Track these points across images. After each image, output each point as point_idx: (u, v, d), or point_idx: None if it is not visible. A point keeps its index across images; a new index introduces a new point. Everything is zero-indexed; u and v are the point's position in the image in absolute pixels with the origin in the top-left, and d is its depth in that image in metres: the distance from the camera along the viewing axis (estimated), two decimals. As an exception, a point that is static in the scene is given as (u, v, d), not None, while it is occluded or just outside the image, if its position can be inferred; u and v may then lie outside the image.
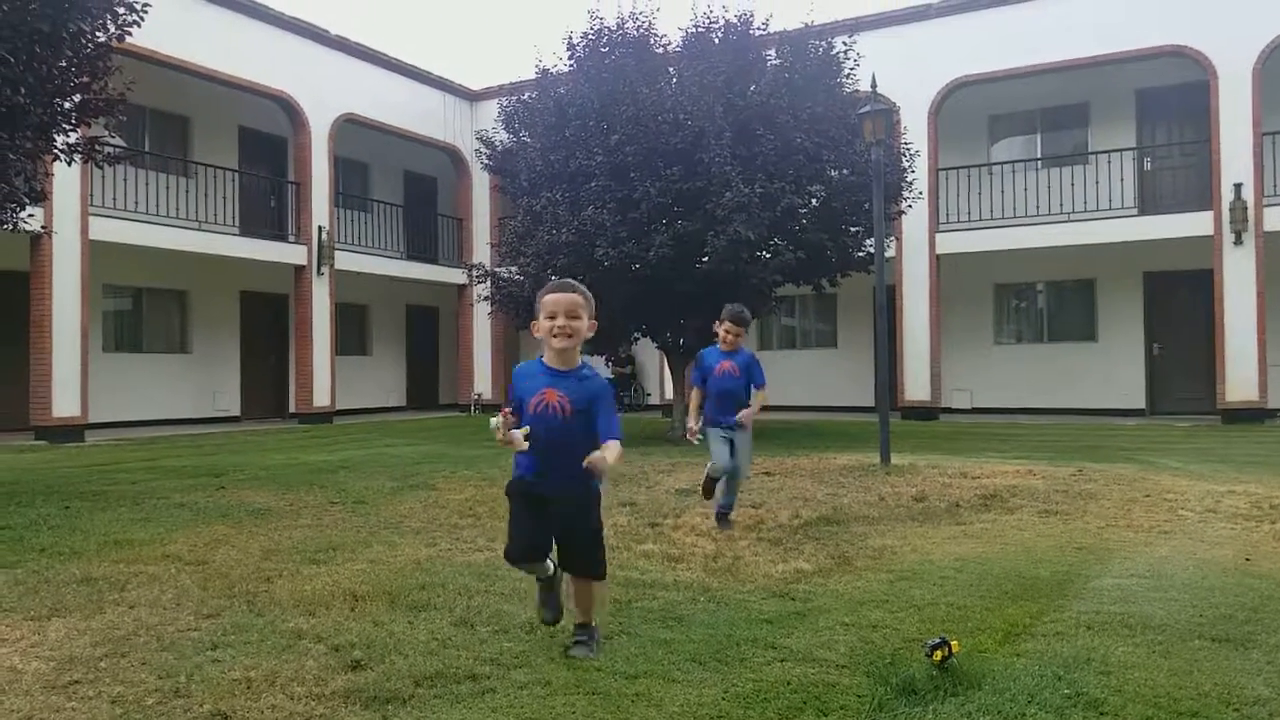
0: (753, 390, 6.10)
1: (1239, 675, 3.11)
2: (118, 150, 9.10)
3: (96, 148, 8.27)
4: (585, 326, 3.34)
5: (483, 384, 21.03)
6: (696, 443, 5.96)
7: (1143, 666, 3.20)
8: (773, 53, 12.95)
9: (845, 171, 12.30)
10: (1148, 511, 6.42)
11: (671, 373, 13.72)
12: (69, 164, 8.39)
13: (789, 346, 20.18)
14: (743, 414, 5.95)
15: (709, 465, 6.06)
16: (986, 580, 4.52)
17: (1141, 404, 16.75)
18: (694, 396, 6.13)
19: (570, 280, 3.40)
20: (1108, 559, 5.00)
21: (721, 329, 6.07)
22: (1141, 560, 4.94)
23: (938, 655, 3.15)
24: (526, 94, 14.27)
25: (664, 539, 5.57)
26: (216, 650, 3.39)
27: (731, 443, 5.93)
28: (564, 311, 3.28)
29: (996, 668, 3.18)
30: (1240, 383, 14.67)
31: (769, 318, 17.71)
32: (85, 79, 7.86)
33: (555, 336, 3.27)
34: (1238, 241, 14.70)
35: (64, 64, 7.62)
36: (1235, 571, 4.65)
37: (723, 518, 6.02)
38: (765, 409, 6.02)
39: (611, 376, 20.62)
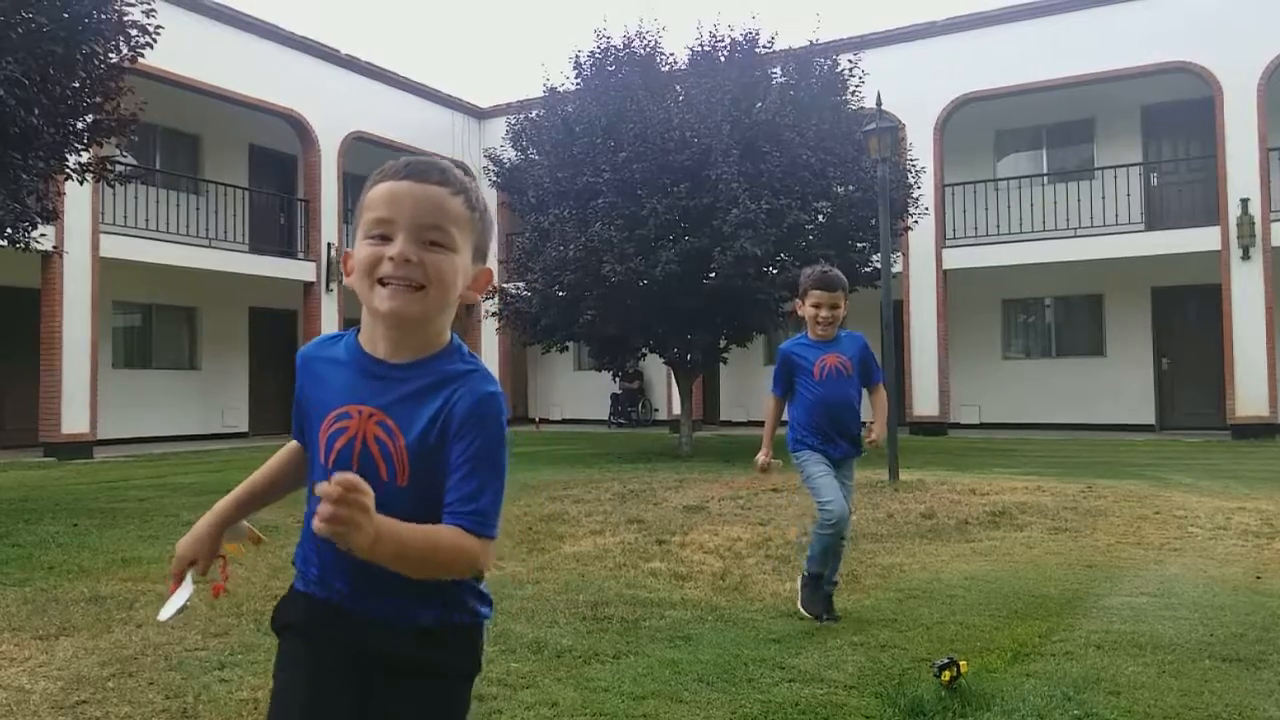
0: (872, 391, 4.20)
1: (1250, 696, 3.09)
2: (129, 169, 9.19)
3: (108, 167, 8.35)
4: (462, 272, 1.40)
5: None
6: (765, 470, 4.16)
7: (1152, 687, 3.18)
8: (778, 70, 13.02)
9: (851, 188, 12.33)
10: (1158, 528, 6.39)
11: (679, 388, 13.72)
12: (81, 183, 8.48)
13: (796, 362, 20.13)
14: (875, 430, 4.08)
15: (816, 524, 4.03)
16: (995, 599, 4.50)
17: (1151, 419, 16.68)
18: (770, 410, 4.24)
19: (439, 162, 1.42)
20: (1117, 577, 4.98)
21: (808, 305, 4.02)
22: (1151, 578, 4.92)
23: (946, 675, 3.14)
24: (534, 112, 14.36)
25: (671, 556, 5.56)
26: (224, 670, 3.39)
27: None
28: (409, 226, 1.36)
29: (1006, 688, 3.17)
30: (1250, 398, 14.60)
31: (776, 333, 17.71)
32: (98, 99, 7.94)
33: (384, 285, 1.35)
34: (1245, 256, 14.67)
35: (77, 85, 7.71)
36: (1246, 590, 4.62)
37: (827, 601, 4.07)
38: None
39: (618, 391, 20.65)
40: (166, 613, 1.54)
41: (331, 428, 1.39)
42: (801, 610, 4.10)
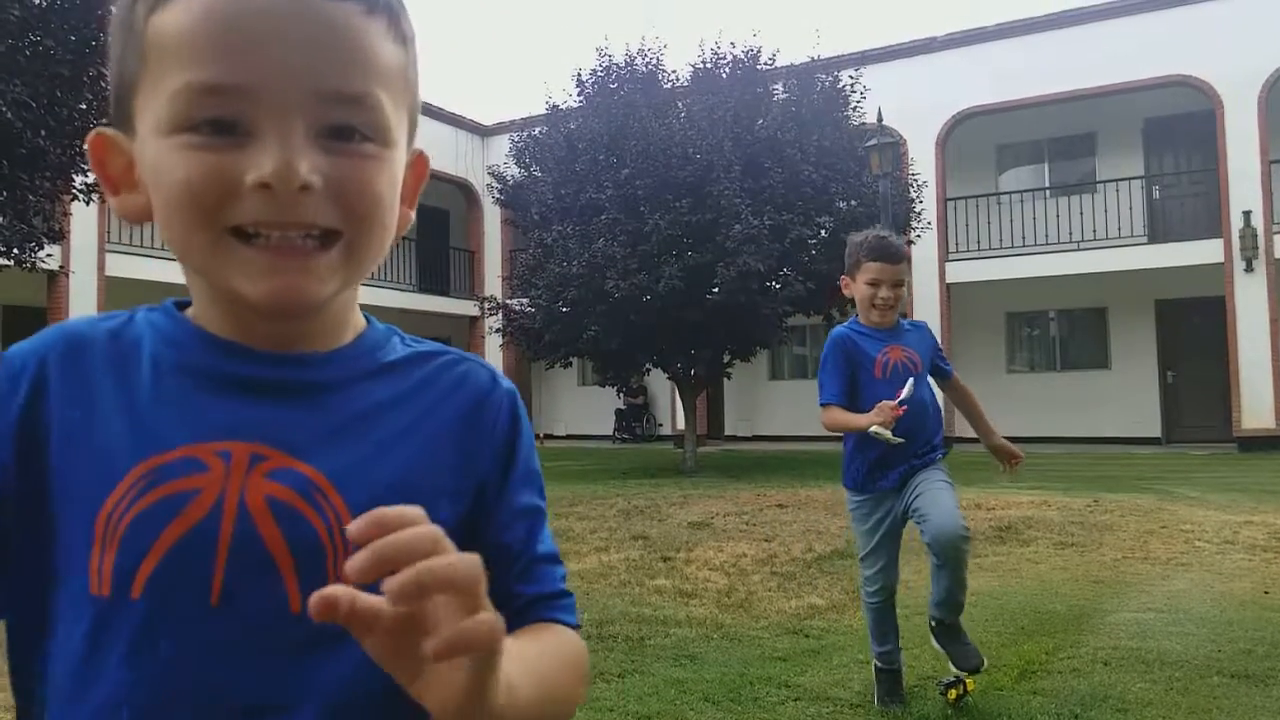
0: (945, 383, 3.42)
1: (1259, 713, 3.08)
2: (135, 189, 9.24)
3: (114, 187, 8.41)
4: (399, 184, 0.66)
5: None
6: (885, 435, 2.91)
7: (1160, 704, 3.17)
8: (780, 87, 13.09)
9: (854, 203, 12.36)
10: (1164, 543, 6.36)
11: (683, 403, 13.73)
12: (87, 203, 8.53)
13: (800, 376, 20.14)
14: (998, 439, 3.32)
15: (864, 605, 3.28)
16: (1002, 615, 4.48)
17: (1157, 432, 16.63)
18: (834, 418, 3.11)
19: None
20: (1124, 592, 4.96)
21: (861, 282, 3.11)
22: (1158, 593, 4.90)
23: (952, 694, 3.13)
24: (537, 129, 14.44)
25: (676, 573, 5.55)
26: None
27: (900, 516, 3.12)
28: (295, 103, 0.60)
29: (1012, 706, 3.15)
30: (1255, 410, 14.57)
31: (780, 348, 17.75)
32: (104, 120, 8.00)
33: (250, 240, 0.61)
34: (1248, 269, 14.67)
35: (84, 107, 7.78)
36: (1254, 605, 4.60)
37: (959, 644, 3.10)
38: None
39: (622, 406, 20.65)
40: None
41: (148, 500, 0.60)
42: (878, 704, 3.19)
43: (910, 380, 2.97)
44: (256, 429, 0.62)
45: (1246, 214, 14.67)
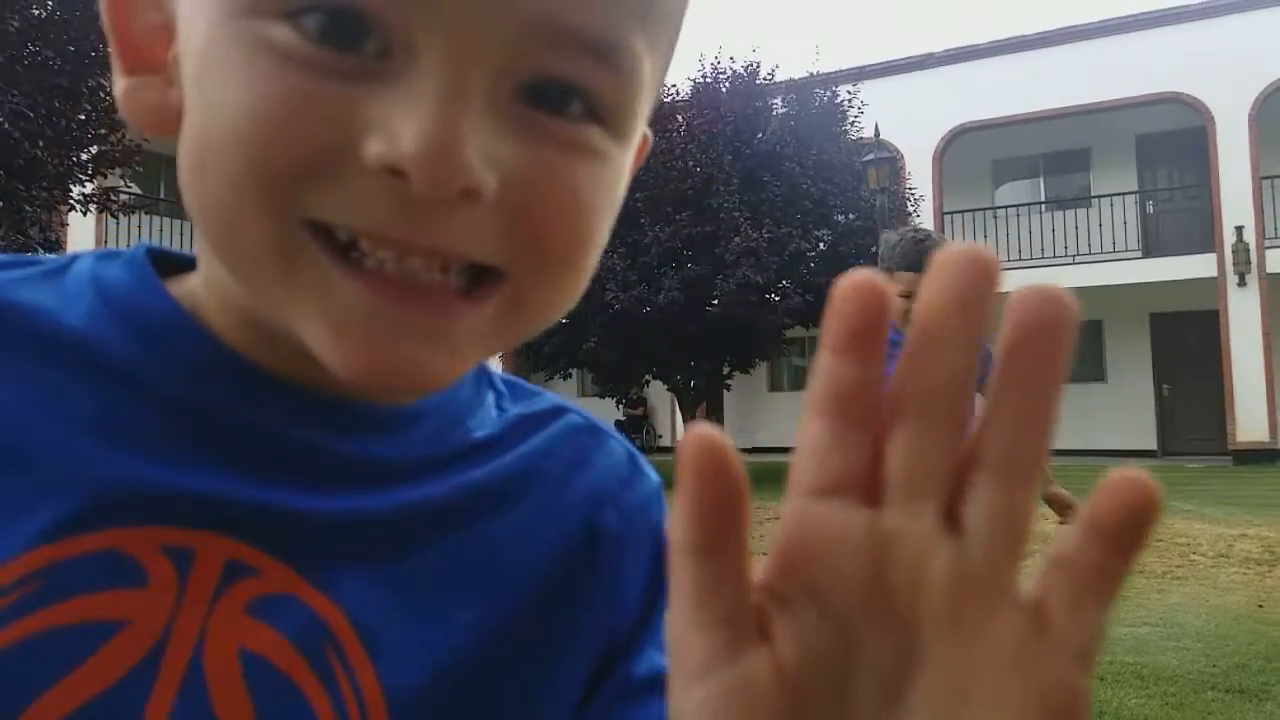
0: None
1: (1254, 728, 3.09)
2: (134, 199, 9.28)
3: (112, 198, 8.42)
4: (620, 191, 0.37)
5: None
6: None
7: (1155, 719, 3.18)
8: (779, 101, 13.17)
9: (851, 216, 12.44)
10: (1160, 556, 6.37)
11: (682, 413, 13.75)
12: (84, 214, 8.55)
13: (800, 388, 20.19)
14: (1051, 491, 2.89)
15: None
16: (997, 629, 4.50)
17: (1152, 445, 16.66)
18: None
19: None
20: (1120, 606, 4.95)
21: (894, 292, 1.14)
22: (1154, 607, 4.91)
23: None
24: (535, 141, 14.52)
25: (673, 586, 5.55)
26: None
27: None
28: (477, 56, 0.30)
29: (1008, 720, 3.16)
30: (1250, 423, 14.61)
31: (779, 360, 17.80)
32: (103, 131, 8.04)
33: (352, 256, 0.32)
34: (1241, 283, 14.73)
35: (83, 117, 7.80)
36: (1248, 619, 4.61)
37: None
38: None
39: (623, 418, 20.63)
40: None
41: (21, 630, 0.31)
42: None
43: None
44: (247, 516, 0.35)
45: (1239, 229, 14.75)
